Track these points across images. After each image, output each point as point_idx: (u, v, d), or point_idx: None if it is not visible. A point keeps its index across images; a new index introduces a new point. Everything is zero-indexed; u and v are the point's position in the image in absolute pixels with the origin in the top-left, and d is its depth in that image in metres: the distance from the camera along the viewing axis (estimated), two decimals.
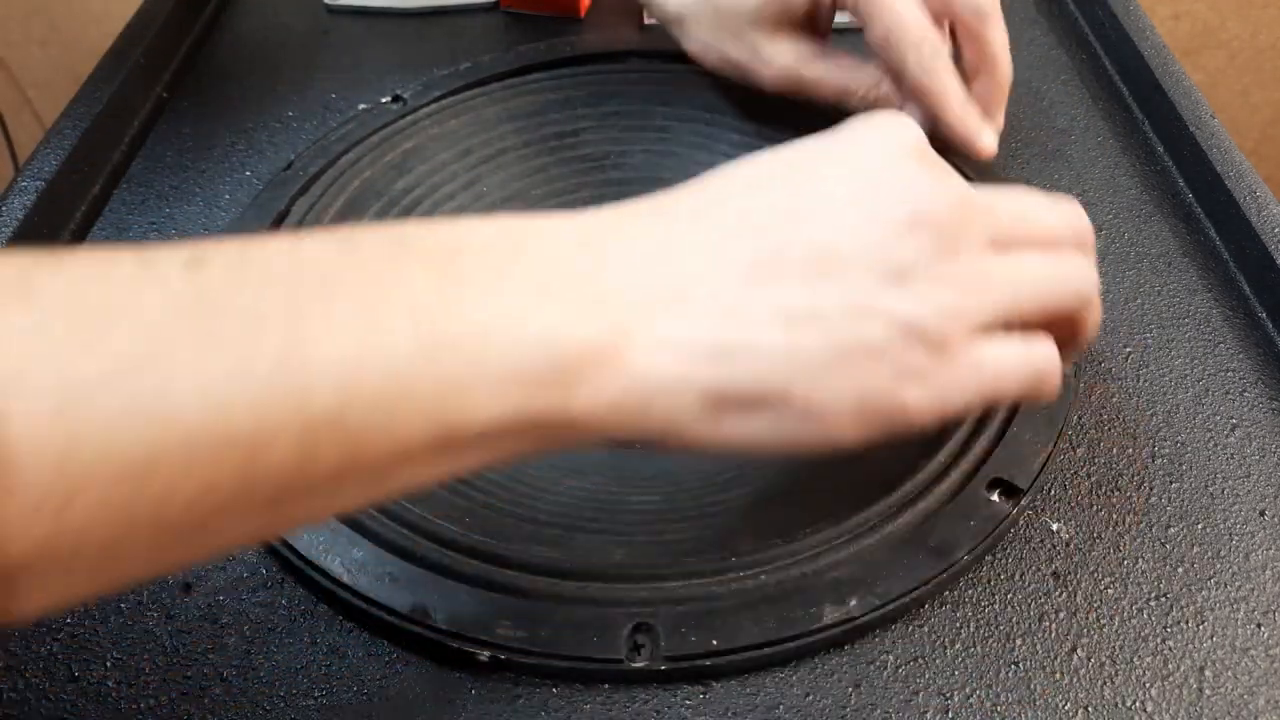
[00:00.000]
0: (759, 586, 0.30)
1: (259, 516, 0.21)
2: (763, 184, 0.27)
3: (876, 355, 0.25)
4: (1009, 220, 0.28)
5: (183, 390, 0.18)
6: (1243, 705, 0.29)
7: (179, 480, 0.18)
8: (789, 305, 0.24)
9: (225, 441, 0.19)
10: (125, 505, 0.18)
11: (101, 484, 0.18)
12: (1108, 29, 0.54)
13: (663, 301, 0.24)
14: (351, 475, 0.21)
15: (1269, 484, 0.35)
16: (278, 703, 0.29)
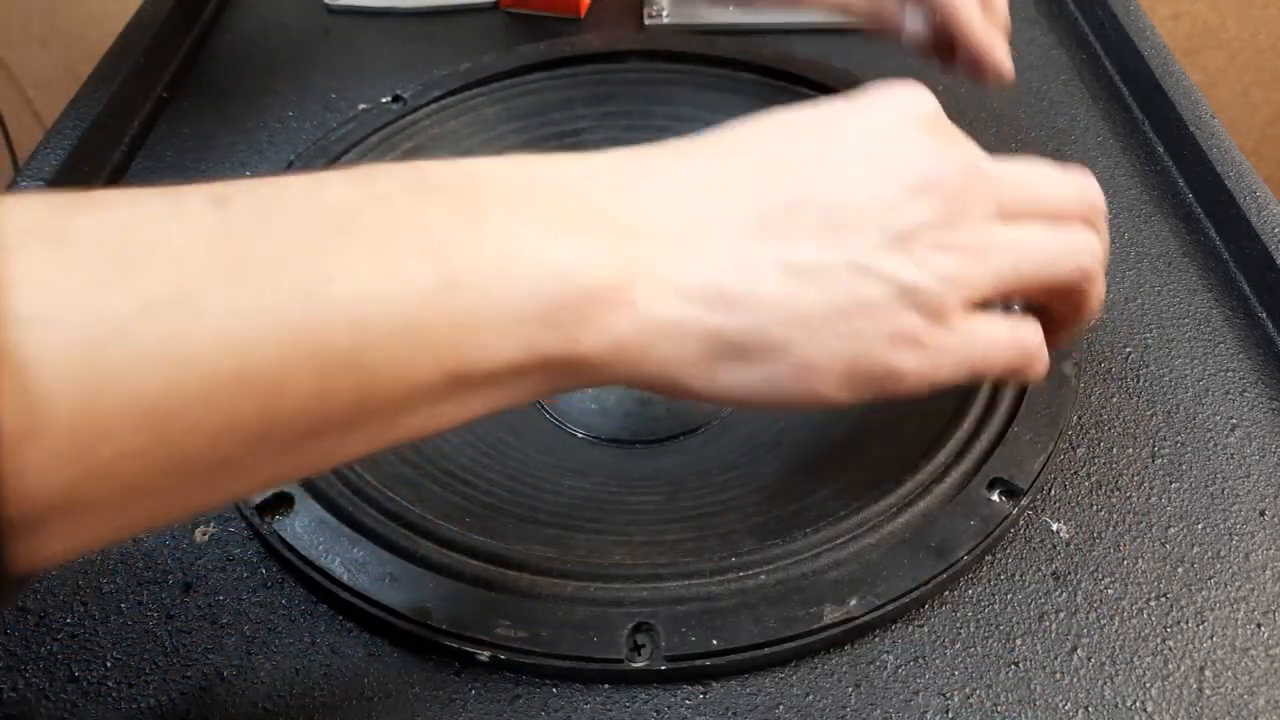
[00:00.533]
0: (759, 586, 0.30)
1: (276, 457, 0.21)
2: (781, 138, 0.27)
3: (874, 315, 0.25)
4: (1017, 189, 0.28)
5: (205, 330, 0.18)
6: (1243, 705, 0.29)
7: (202, 420, 0.18)
8: (795, 259, 0.25)
9: (246, 380, 0.19)
10: (150, 447, 0.18)
11: (128, 425, 0.18)
12: (1108, 29, 0.54)
13: (673, 246, 0.24)
14: (367, 415, 0.21)
15: (1269, 484, 0.35)
16: (278, 703, 0.29)
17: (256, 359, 0.19)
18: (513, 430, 0.39)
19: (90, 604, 0.32)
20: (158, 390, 0.18)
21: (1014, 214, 0.27)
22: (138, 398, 0.18)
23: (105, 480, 0.18)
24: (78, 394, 0.17)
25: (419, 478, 0.34)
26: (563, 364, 0.23)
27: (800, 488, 0.34)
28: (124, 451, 0.18)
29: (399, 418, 0.22)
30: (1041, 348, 0.29)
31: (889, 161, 0.26)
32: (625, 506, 0.34)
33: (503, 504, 0.34)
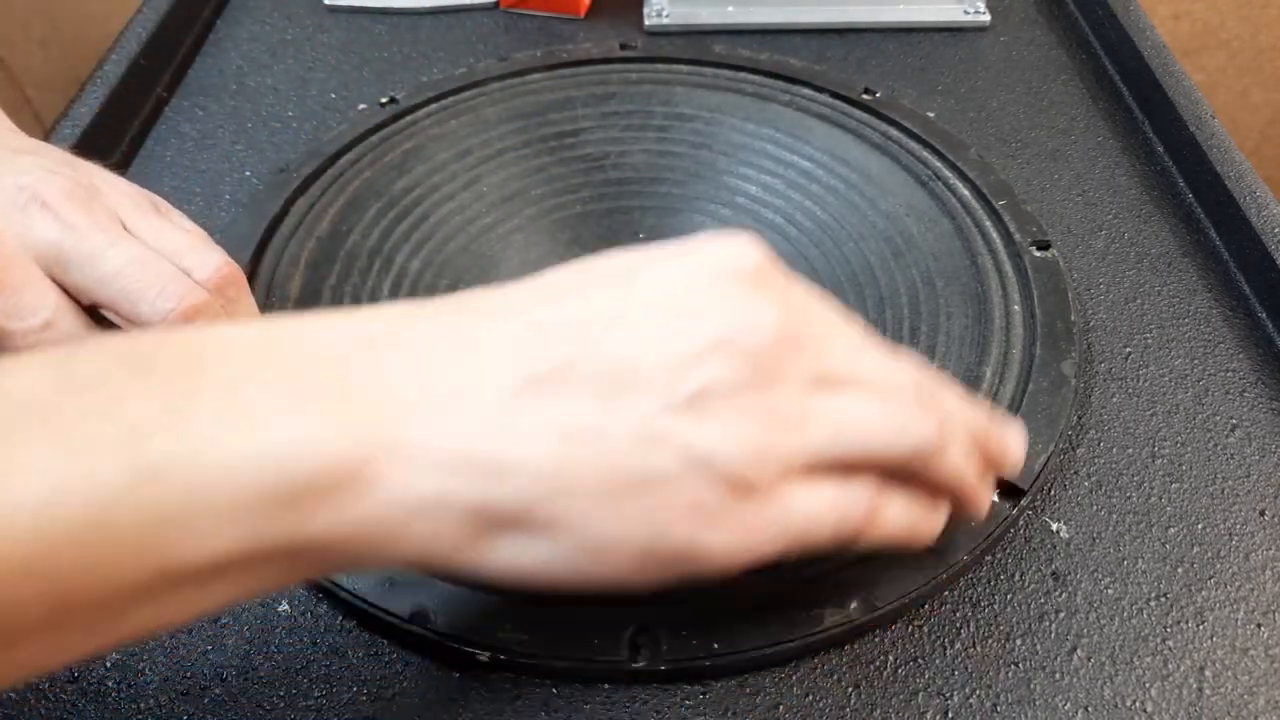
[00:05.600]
0: (759, 587, 0.30)
1: (12, 653, 0.19)
2: (573, 290, 0.24)
3: (665, 490, 0.22)
4: (842, 363, 0.25)
5: None
6: (1243, 705, 0.29)
7: None
8: (570, 422, 0.22)
9: None
10: None
11: None
12: (1108, 29, 0.54)
13: (427, 413, 0.21)
14: (72, 621, 0.19)
15: (1269, 484, 0.35)
16: (278, 703, 0.29)
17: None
18: None
19: None
20: None
21: (837, 383, 0.24)
22: None
23: None
24: None
25: None
26: (296, 552, 0.21)
27: None
28: None
29: (114, 621, 0.20)
30: (877, 505, 0.25)
31: (688, 316, 0.23)
32: None
33: None
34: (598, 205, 0.47)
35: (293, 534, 0.20)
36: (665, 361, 0.22)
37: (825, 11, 0.57)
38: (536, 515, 0.22)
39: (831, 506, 0.24)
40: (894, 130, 0.46)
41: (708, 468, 0.22)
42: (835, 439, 0.24)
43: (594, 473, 0.22)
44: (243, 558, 0.20)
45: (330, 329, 0.23)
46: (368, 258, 0.41)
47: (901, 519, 0.26)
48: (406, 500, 0.21)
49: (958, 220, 0.41)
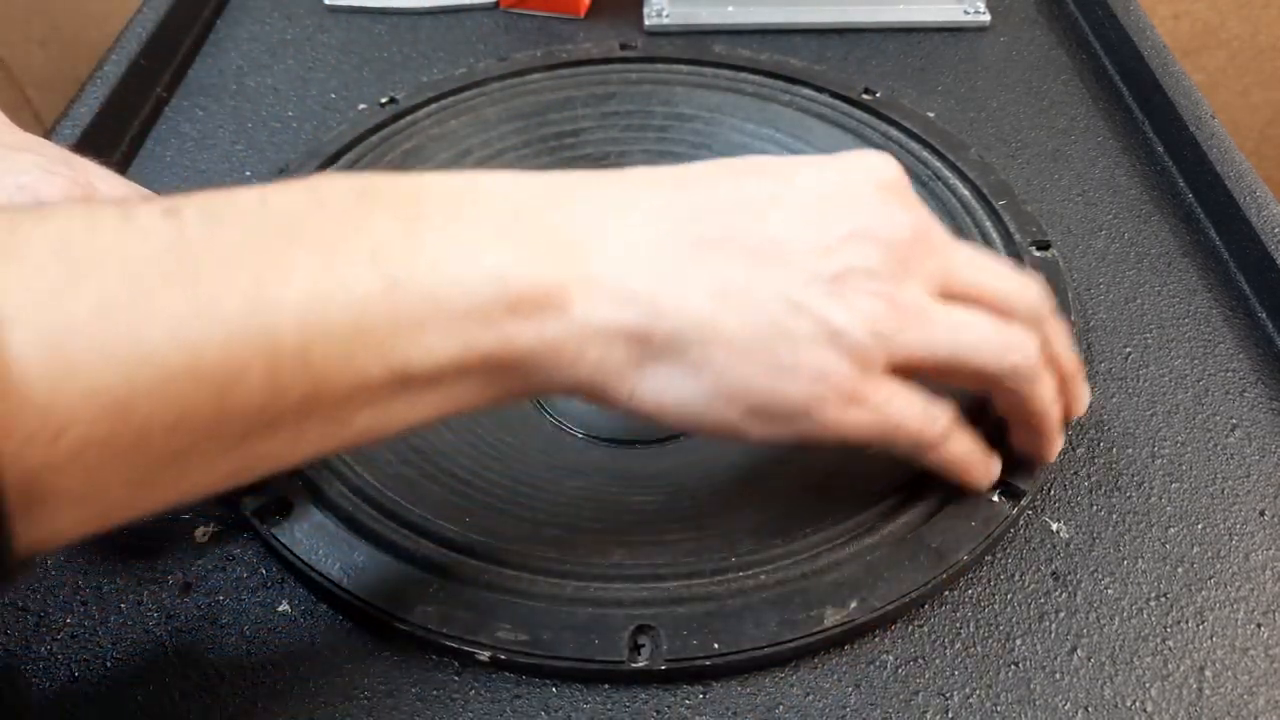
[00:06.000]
0: (759, 587, 0.30)
1: (230, 452, 0.22)
2: (737, 176, 0.27)
3: (797, 351, 0.25)
4: (965, 270, 0.28)
5: (158, 331, 0.20)
6: (1243, 705, 0.29)
7: (157, 411, 0.20)
8: (725, 281, 0.25)
9: (197, 377, 0.20)
10: (110, 436, 0.19)
11: (87, 418, 0.19)
12: (1108, 29, 0.54)
13: (608, 257, 0.25)
14: (315, 413, 0.22)
15: (1269, 484, 0.35)
16: (277, 703, 0.29)
17: (208, 356, 0.20)
18: (513, 430, 0.39)
19: (90, 604, 0.32)
20: (115, 383, 0.19)
21: (957, 294, 0.28)
22: (96, 391, 0.19)
23: (70, 467, 0.19)
24: (42, 389, 0.18)
25: (419, 478, 0.34)
26: (500, 364, 0.24)
27: (800, 488, 0.34)
28: (85, 440, 0.19)
29: (349, 416, 0.23)
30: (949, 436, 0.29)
31: (836, 210, 0.26)
32: (625, 506, 0.34)
33: (503, 504, 0.34)
34: None
35: (501, 345, 0.24)
36: (812, 244, 0.26)
37: (825, 11, 0.57)
38: (686, 353, 0.25)
39: (920, 413, 0.28)
40: (894, 130, 0.46)
41: (837, 337, 0.25)
42: (948, 342, 0.27)
43: (738, 326, 0.25)
44: (460, 366, 0.24)
45: (525, 184, 0.26)
46: None
47: (967, 450, 0.30)
48: (588, 325, 0.25)
49: (958, 220, 0.41)
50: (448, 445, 0.36)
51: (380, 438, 0.24)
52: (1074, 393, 0.32)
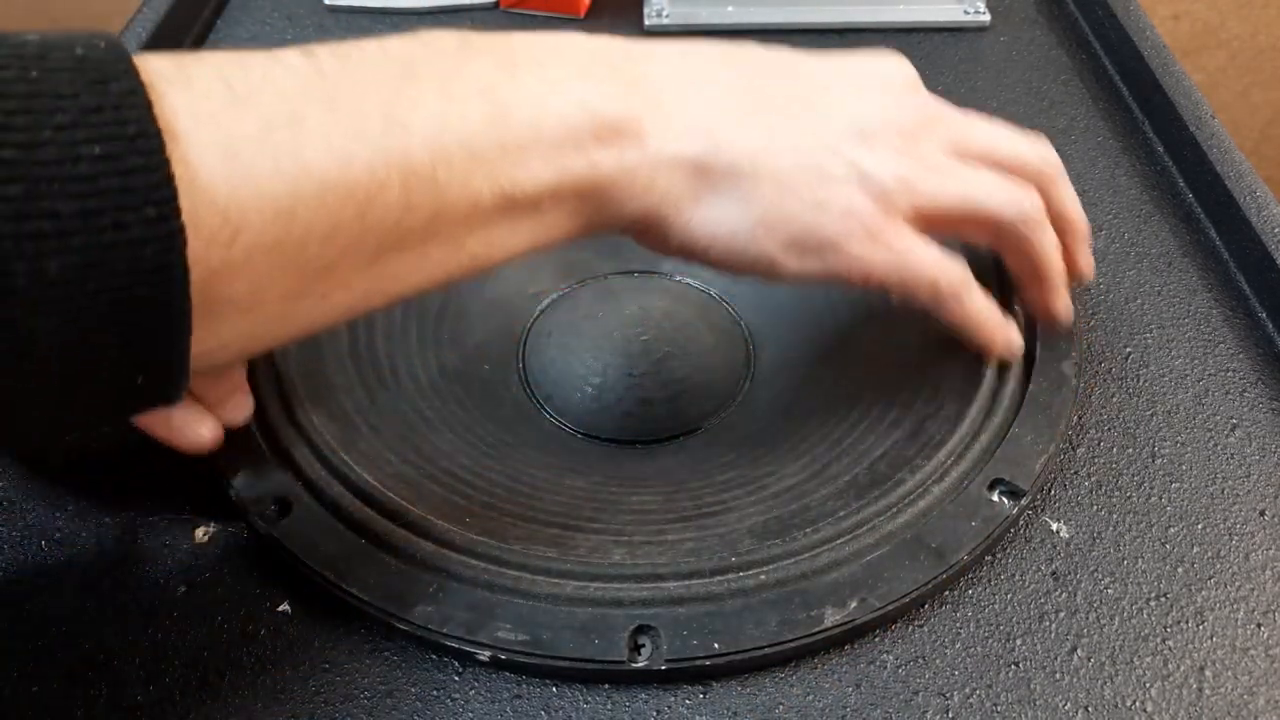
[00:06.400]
0: (759, 587, 0.30)
1: (366, 271, 0.25)
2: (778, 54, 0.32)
3: (831, 188, 0.29)
4: (978, 137, 0.32)
5: (315, 146, 0.22)
6: (1243, 705, 0.29)
7: (314, 221, 0.23)
8: (775, 127, 0.30)
9: (347, 190, 0.23)
10: (276, 243, 0.22)
11: (259, 221, 0.22)
12: (1108, 29, 0.54)
13: (675, 96, 0.29)
14: (437, 234, 0.25)
15: (1269, 484, 0.35)
16: (277, 703, 0.29)
17: (355, 171, 0.23)
18: (512, 430, 0.39)
19: (89, 603, 0.32)
20: (281, 192, 0.22)
21: (972, 155, 0.32)
22: (265, 198, 0.22)
23: (240, 273, 0.22)
24: (219, 197, 0.21)
25: (419, 478, 0.34)
26: (587, 189, 0.28)
27: (800, 488, 0.34)
28: (255, 244, 0.22)
29: (462, 237, 0.26)
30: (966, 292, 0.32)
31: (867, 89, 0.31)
32: (625, 506, 0.34)
33: (503, 504, 0.34)
34: None
35: (588, 170, 0.27)
36: (850, 108, 0.30)
37: (825, 11, 0.57)
38: (738, 185, 0.29)
39: (938, 261, 0.31)
40: None
41: (865, 180, 0.29)
42: (960, 192, 0.31)
43: (784, 165, 0.29)
44: (555, 191, 0.27)
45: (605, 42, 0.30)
46: None
47: (984, 307, 0.33)
48: (659, 154, 0.28)
49: None
50: (448, 445, 0.36)
51: (484, 267, 0.27)
52: (1078, 249, 0.35)
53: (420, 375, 0.39)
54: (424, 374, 0.40)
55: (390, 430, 0.36)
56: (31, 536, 0.33)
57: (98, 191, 0.19)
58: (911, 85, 0.32)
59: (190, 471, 0.35)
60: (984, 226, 0.32)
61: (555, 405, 0.42)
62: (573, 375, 0.42)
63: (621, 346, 0.43)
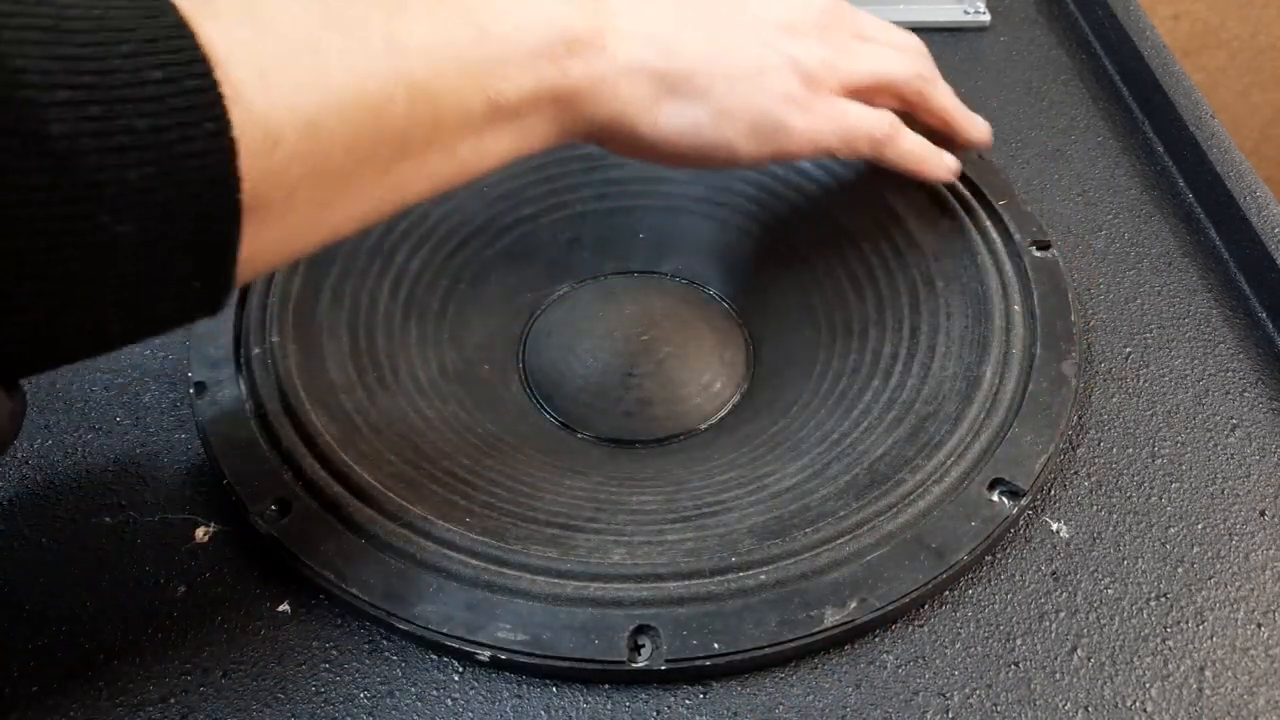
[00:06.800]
0: (759, 587, 0.30)
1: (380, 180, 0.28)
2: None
3: (770, 76, 0.35)
4: (870, 27, 0.39)
5: (332, 64, 0.25)
6: (1243, 705, 0.29)
7: (337, 132, 0.25)
8: (717, 31, 0.35)
9: (362, 103, 0.26)
10: (306, 154, 0.25)
11: (292, 134, 0.24)
12: (1108, 29, 0.54)
13: (630, 12, 0.33)
14: (435, 142, 0.28)
15: (1269, 484, 0.35)
16: (278, 703, 0.29)
17: (368, 87, 0.26)
18: (512, 430, 0.39)
19: (90, 602, 0.32)
20: (308, 105, 0.24)
21: (868, 39, 0.39)
22: (297, 113, 0.24)
23: (278, 181, 0.24)
24: (257, 111, 0.23)
25: (419, 478, 0.34)
26: (561, 96, 0.31)
27: (800, 488, 0.34)
28: (290, 155, 0.24)
29: (455, 145, 0.29)
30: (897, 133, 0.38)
31: None
32: (625, 506, 0.34)
33: (503, 504, 0.34)
34: (598, 205, 0.47)
35: (561, 78, 0.31)
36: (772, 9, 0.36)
37: None
38: (694, 84, 0.34)
39: (868, 114, 0.37)
40: None
41: (797, 65, 0.35)
42: (871, 66, 0.38)
43: (730, 62, 0.34)
44: (535, 98, 0.30)
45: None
46: (367, 257, 0.41)
47: (919, 144, 0.39)
48: (620, 62, 0.32)
49: (958, 220, 0.41)
50: (448, 445, 0.36)
51: (474, 173, 0.30)
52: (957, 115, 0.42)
53: (420, 375, 0.39)
54: (424, 374, 0.40)
55: (390, 430, 0.36)
56: (31, 536, 0.33)
57: (166, 110, 0.21)
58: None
59: (190, 471, 0.35)
60: (891, 91, 0.39)
61: (555, 405, 0.42)
62: (573, 375, 0.42)
63: (621, 346, 0.43)
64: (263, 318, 0.38)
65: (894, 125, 0.38)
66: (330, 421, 0.35)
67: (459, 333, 0.43)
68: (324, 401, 0.36)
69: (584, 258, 0.47)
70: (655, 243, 0.48)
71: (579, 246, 0.47)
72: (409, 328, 0.41)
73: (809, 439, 0.37)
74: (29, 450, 0.36)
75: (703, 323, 0.44)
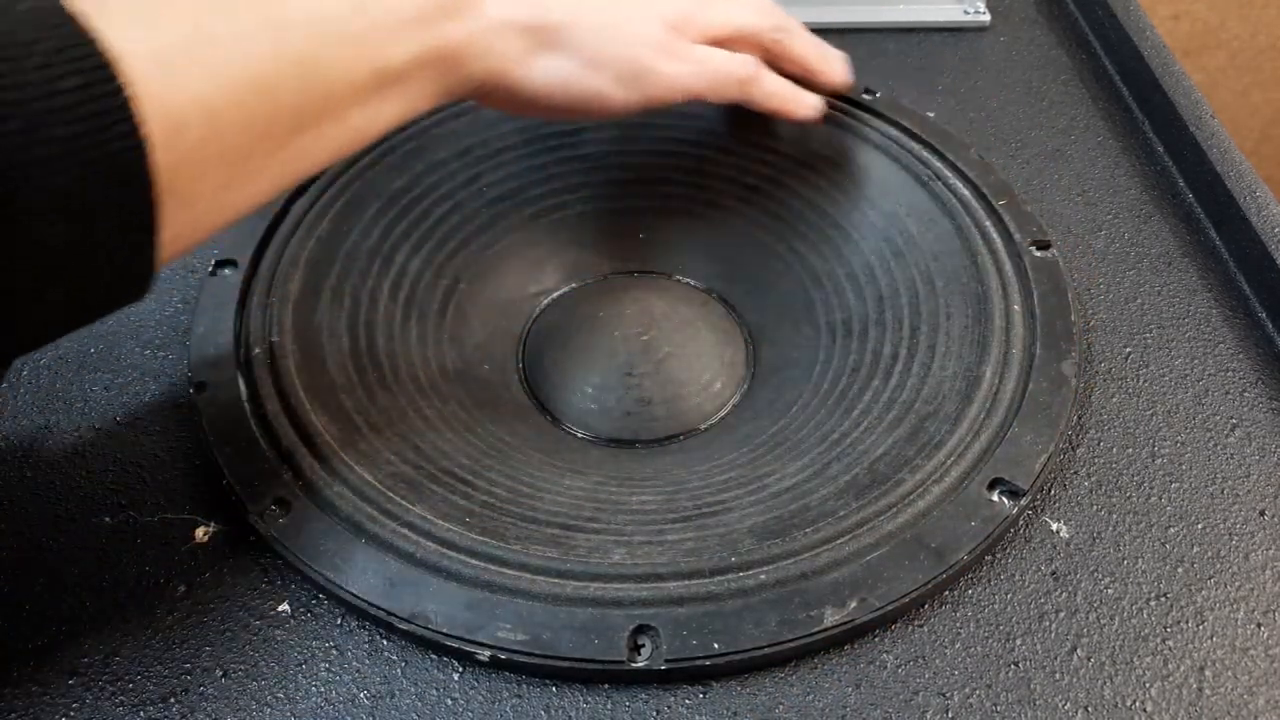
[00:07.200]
0: (759, 587, 0.30)
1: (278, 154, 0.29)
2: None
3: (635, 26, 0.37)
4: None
5: (224, 51, 0.26)
6: (1243, 705, 0.29)
7: (235, 115, 0.26)
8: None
9: (253, 83, 0.27)
10: (207, 139, 0.26)
11: (195, 120, 0.25)
12: (1108, 29, 0.54)
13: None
14: (327, 113, 0.30)
15: (1269, 484, 0.35)
16: (278, 703, 0.29)
17: (259, 66, 0.27)
18: (513, 430, 0.39)
19: (90, 602, 0.32)
20: (206, 90, 0.25)
21: None
22: (196, 99, 0.25)
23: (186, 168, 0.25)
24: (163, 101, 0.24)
25: (419, 478, 0.34)
26: (442, 57, 0.33)
27: (800, 488, 0.34)
28: (195, 141, 0.25)
29: (347, 114, 0.30)
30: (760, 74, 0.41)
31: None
32: (625, 506, 0.34)
33: (503, 504, 0.34)
34: (598, 205, 0.47)
35: (441, 40, 0.32)
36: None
37: (825, 11, 0.57)
38: (563, 36, 0.36)
39: (730, 58, 0.40)
40: (894, 130, 0.46)
41: (659, 15, 0.38)
42: (727, 17, 0.40)
43: (595, 13, 0.37)
44: (419, 61, 0.32)
45: None
46: (367, 257, 0.41)
47: (782, 84, 0.42)
48: (492, 20, 0.34)
49: (958, 220, 0.41)
50: (448, 445, 0.36)
51: (369, 139, 0.32)
52: None
53: (420, 375, 0.39)
54: (424, 374, 0.40)
55: (390, 430, 0.36)
56: (31, 536, 0.33)
57: (81, 117, 0.22)
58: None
59: (190, 471, 0.35)
60: (751, 41, 0.41)
61: (555, 405, 0.42)
62: (573, 375, 0.42)
63: (621, 346, 0.43)
64: (263, 318, 0.38)
65: (757, 66, 0.41)
66: (330, 421, 0.35)
67: (459, 333, 0.43)
68: (324, 401, 0.36)
69: (584, 258, 0.47)
70: (655, 243, 0.48)
71: (579, 246, 0.47)
72: (409, 328, 0.41)
73: (809, 439, 0.37)
74: (29, 450, 0.36)
75: (703, 323, 0.44)
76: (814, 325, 0.43)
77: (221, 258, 0.40)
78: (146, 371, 0.39)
